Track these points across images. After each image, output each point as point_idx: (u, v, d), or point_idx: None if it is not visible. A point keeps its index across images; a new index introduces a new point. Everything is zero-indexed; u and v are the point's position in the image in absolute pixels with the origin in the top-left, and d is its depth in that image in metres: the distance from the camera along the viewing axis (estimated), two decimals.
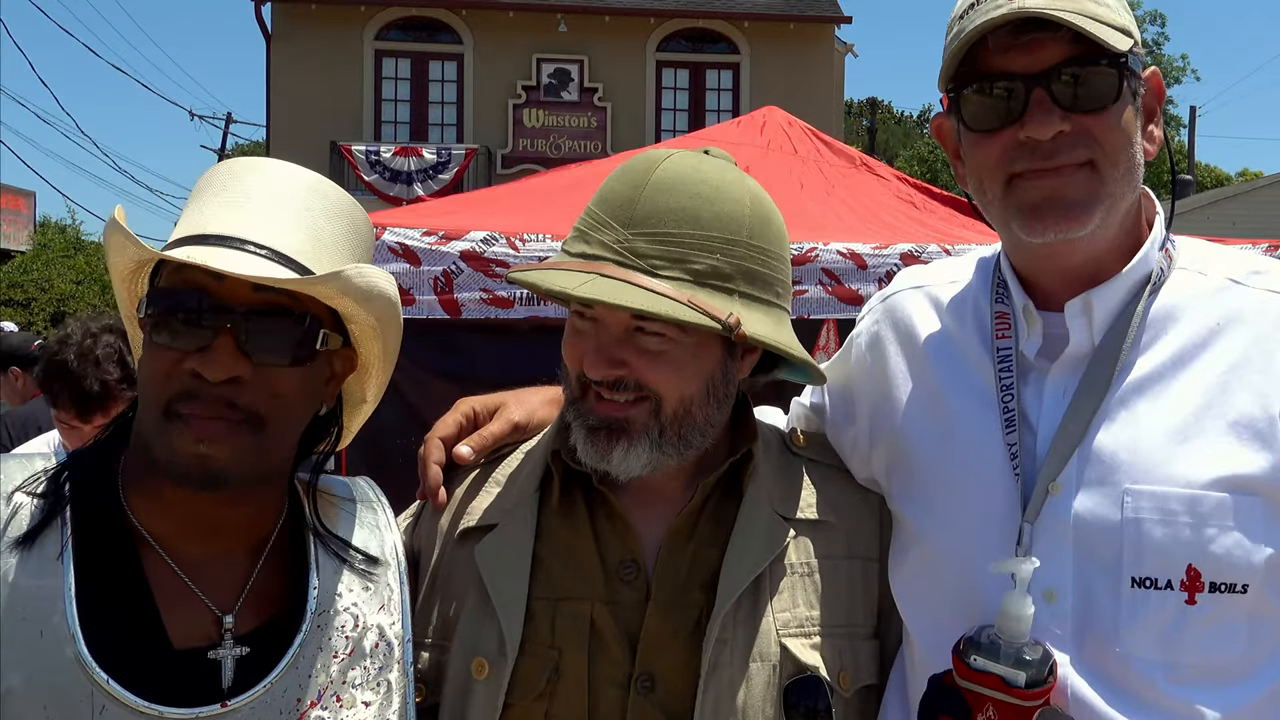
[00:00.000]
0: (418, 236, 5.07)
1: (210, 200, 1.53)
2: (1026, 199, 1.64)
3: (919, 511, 1.79)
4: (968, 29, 1.62)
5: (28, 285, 21.62)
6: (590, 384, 1.72)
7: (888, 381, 1.90)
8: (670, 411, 1.71)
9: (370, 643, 1.61)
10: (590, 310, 1.71)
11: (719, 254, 1.69)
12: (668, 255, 1.67)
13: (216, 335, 1.44)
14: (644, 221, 1.69)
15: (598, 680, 1.72)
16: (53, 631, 1.41)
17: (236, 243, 1.46)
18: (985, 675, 1.57)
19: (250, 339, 1.45)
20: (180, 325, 1.45)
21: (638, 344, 1.69)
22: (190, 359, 1.44)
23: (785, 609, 1.77)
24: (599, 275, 1.65)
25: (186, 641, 1.49)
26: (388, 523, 1.75)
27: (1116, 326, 1.69)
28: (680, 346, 1.70)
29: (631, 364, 1.69)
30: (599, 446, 1.72)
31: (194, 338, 1.45)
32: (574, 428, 1.75)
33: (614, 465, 1.72)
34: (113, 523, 1.51)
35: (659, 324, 1.67)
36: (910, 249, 5.43)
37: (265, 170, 1.58)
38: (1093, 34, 1.58)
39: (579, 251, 1.72)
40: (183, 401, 1.44)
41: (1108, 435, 1.65)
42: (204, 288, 1.45)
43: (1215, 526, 1.58)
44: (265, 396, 1.48)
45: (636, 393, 1.70)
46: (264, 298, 1.46)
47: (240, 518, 1.56)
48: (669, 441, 1.72)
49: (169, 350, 1.46)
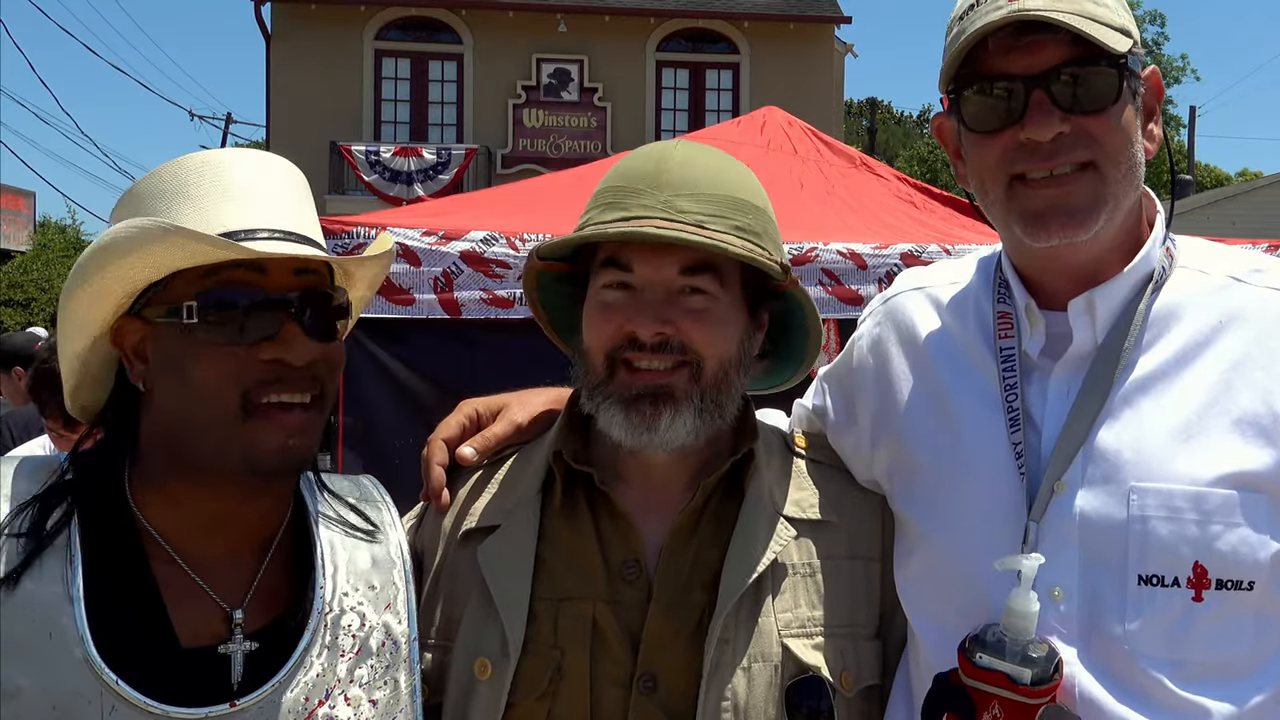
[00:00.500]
0: (418, 236, 5.07)
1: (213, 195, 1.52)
2: (1029, 206, 1.65)
3: (923, 512, 1.79)
4: (968, 30, 1.63)
5: (28, 285, 21.61)
6: (622, 360, 1.73)
7: (889, 383, 1.90)
8: (710, 374, 1.74)
9: (377, 641, 1.62)
10: (630, 276, 1.73)
11: (750, 215, 1.77)
12: (711, 212, 1.73)
13: (283, 323, 1.48)
14: (679, 185, 1.74)
15: (600, 680, 1.72)
16: (61, 633, 1.42)
17: (265, 234, 1.50)
18: (991, 673, 1.57)
19: (310, 321, 1.50)
20: (245, 319, 1.47)
21: (682, 304, 1.72)
22: (264, 349, 1.47)
23: (787, 609, 1.77)
24: (652, 227, 1.68)
25: (195, 640, 1.49)
26: (392, 521, 1.75)
27: (1119, 325, 1.69)
28: (721, 305, 1.74)
29: (677, 323, 1.71)
30: (643, 416, 1.72)
31: (260, 329, 1.47)
32: (605, 409, 1.75)
33: (660, 434, 1.73)
34: (120, 523, 1.51)
35: (705, 280, 1.72)
36: (910, 249, 5.44)
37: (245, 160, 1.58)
38: (1091, 36, 1.58)
39: (617, 216, 1.73)
40: (262, 390, 1.47)
41: (1112, 433, 1.65)
42: (252, 283, 1.48)
43: (1221, 523, 1.58)
44: (327, 372, 1.54)
45: (679, 356, 1.72)
46: (304, 281, 1.51)
47: (255, 512, 1.57)
48: (708, 409, 1.74)
49: (234, 346, 1.47)
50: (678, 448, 1.75)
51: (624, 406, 1.73)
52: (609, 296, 1.75)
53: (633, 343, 1.72)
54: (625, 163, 1.83)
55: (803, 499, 1.86)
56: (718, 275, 1.74)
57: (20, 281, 21.66)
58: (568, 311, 1.90)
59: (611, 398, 1.74)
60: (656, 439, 1.73)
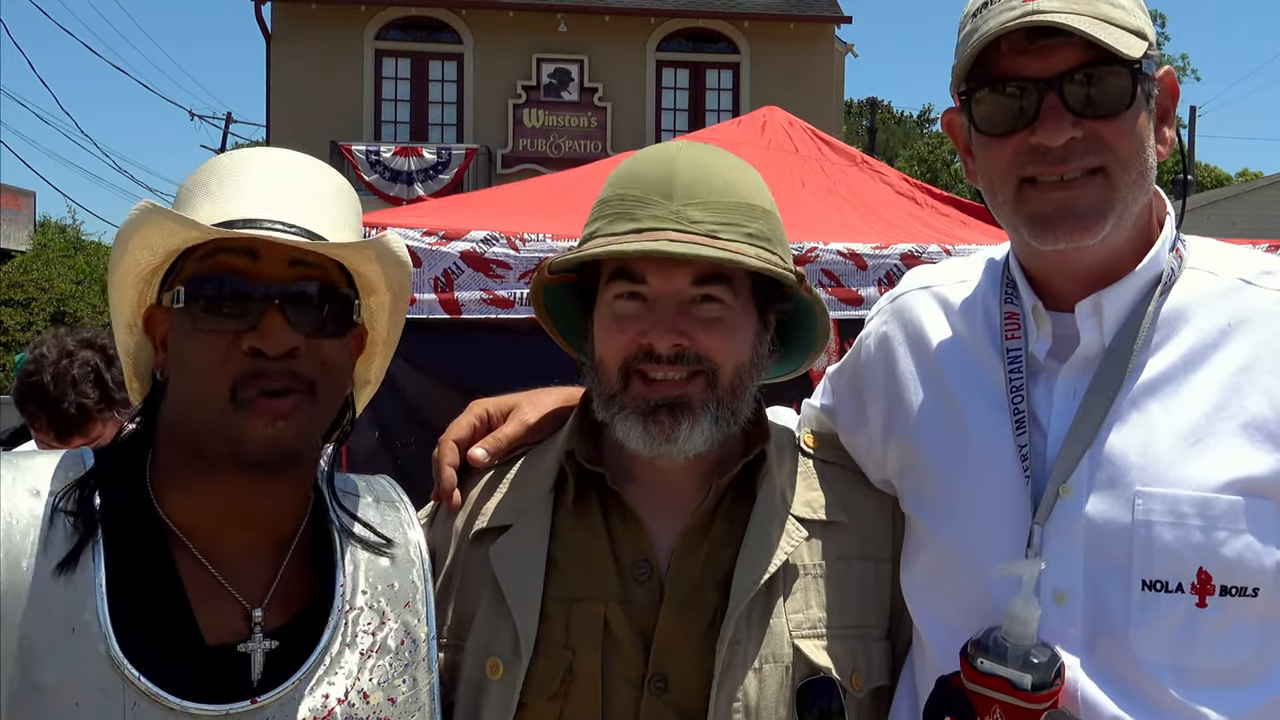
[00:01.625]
0: (418, 236, 5.06)
1: (229, 188, 1.56)
2: (1038, 209, 1.64)
3: (930, 513, 1.79)
4: (980, 30, 1.61)
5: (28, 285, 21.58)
6: (636, 371, 1.73)
7: (897, 383, 1.90)
8: (726, 382, 1.74)
9: (396, 640, 1.62)
10: (643, 288, 1.72)
11: (760, 220, 1.77)
12: (722, 220, 1.72)
13: (266, 312, 1.48)
14: (689, 193, 1.73)
15: (611, 680, 1.72)
16: (84, 629, 1.42)
17: (268, 224, 1.50)
18: (991, 678, 1.56)
19: (296, 312, 1.50)
20: (229, 306, 1.48)
21: (695, 314, 1.73)
22: (246, 338, 1.47)
23: (798, 610, 1.77)
24: (667, 242, 1.68)
25: (218, 637, 1.50)
26: (410, 520, 1.76)
27: (1127, 327, 1.68)
28: (733, 314, 1.75)
29: (692, 333, 1.72)
30: (662, 427, 1.72)
31: (244, 317, 1.48)
32: (621, 420, 1.75)
33: (678, 445, 1.73)
34: (143, 519, 1.52)
35: (718, 289, 1.72)
36: (911, 249, 5.43)
37: (275, 158, 1.61)
38: (1105, 42, 1.56)
39: (629, 229, 1.73)
40: (249, 383, 1.47)
41: (1118, 437, 1.64)
42: (242, 270, 1.49)
43: (1226, 529, 1.57)
44: (317, 366, 1.52)
45: (694, 366, 1.72)
46: (300, 273, 1.51)
47: (271, 509, 1.58)
48: (724, 416, 1.75)
49: (220, 334, 1.48)
50: (694, 455, 1.75)
51: (641, 418, 1.73)
52: (622, 308, 1.75)
53: (648, 354, 1.72)
54: (629, 168, 1.81)
55: (814, 500, 1.87)
56: (730, 283, 1.74)
57: (20, 281, 21.63)
58: (570, 318, 1.90)
59: (628, 409, 1.74)
60: (675, 449, 1.74)
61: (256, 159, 1.61)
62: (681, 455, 1.74)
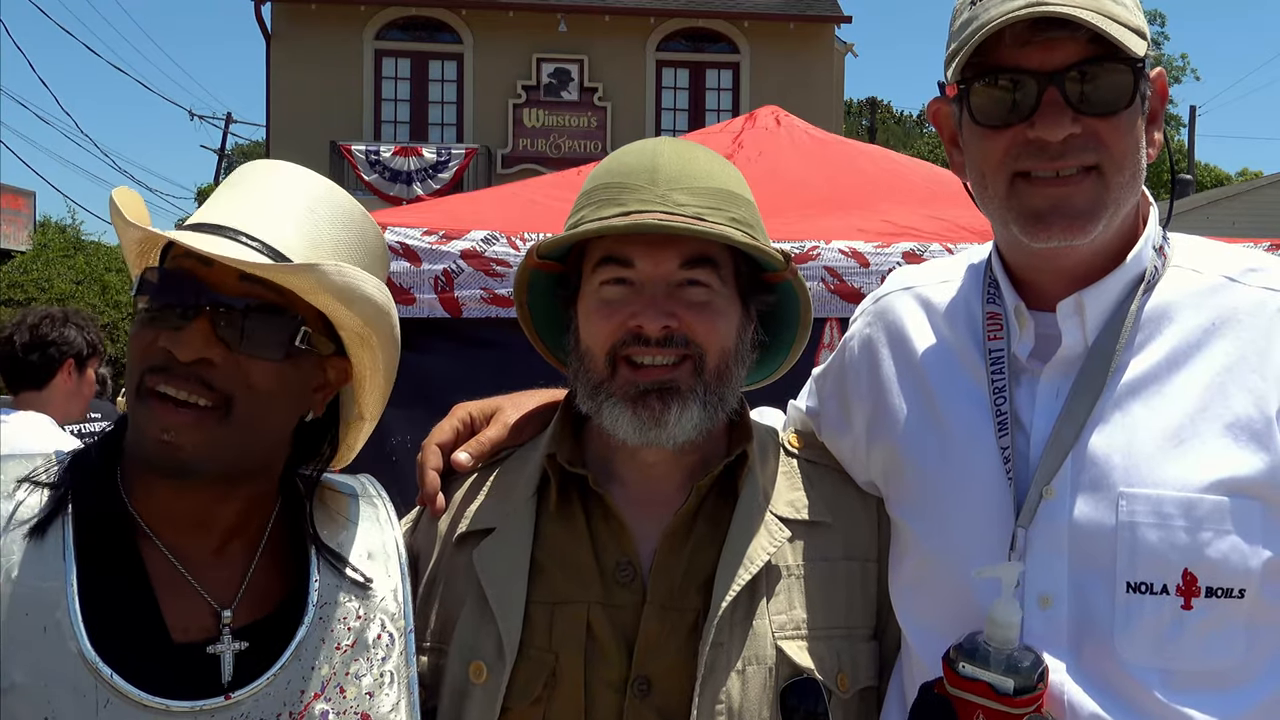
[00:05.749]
0: (418, 236, 5.06)
1: (222, 194, 1.58)
2: (1031, 205, 1.61)
3: (914, 517, 1.77)
4: (980, 18, 1.58)
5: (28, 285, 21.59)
6: (623, 357, 1.73)
7: (880, 385, 1.88)
8: (712, 367, 1.74)
9: (373, 634, 1.62)
10: (630, 272, 1.73)
11: (742, 207, 1.78)
12: (708, 204, 1.74)
13: (195, 318, 1.47)
14: (673, 179, 1.75)
15: (594, 684, 1.71)
16: (55, 627, 1.42)
17: (231, 233, 1.50)
18: (974, 683, 1.54)
19: (227, 325, 1.48)
20: (161, 306, 1.49)
21: (683, 297, 1.73)
22: (164, 337, 1.47)
23: (781, 611, 1.76)
24: (656, 219, 1.69)
25: (185, 636, 1.50)
26: (388, 518, 1.75)
27: (1110, 326, 1.66)
28: (720, 297, 1.75)
29: (680, 316, 1.72)
30: (652, 412, 1.72)
31: (173, 319, 1.48)
32: (609, 408, 1.75)
33: (668, 429, 1.73)
34: (114, 517, 1.52)
35: (704, 272, 1.73)
36: (913, 247, 5.42)
37: (279, 171, 1.61)
38: (1112, 36, 1.54)
39: (616, 212, 1.73)
40: (153, 375, 1.47)
41: (1101, 438, 1.62)
42: (194, 274, 1.49)
43: (1212, 530, 1.55)
44: (238, 384, 1.49)
45: (682, 350, 1.73)
46: (250, 289, 1.49)
47: (228, 513, 1.57)
48: (711, 401, 1.75)
49: (148, 329, 1.49)
50: (682, 443, 1.74)
51: (630, 403, 1.72)
52: (609, 293, 1.75)
53: (636, 338, 1.72)
54: (613, 161, 1.82)
55: (797, 500, 1.85)
56: (715, 269, 1.74)
57: (20, 281, 21.64)
58: (549, 316, 1.90)
59: (615, 396, 1.74)
60: (664, 434, 1.73)
61: (262, 171, 1.62)
62: (670, 441, 1.73)
